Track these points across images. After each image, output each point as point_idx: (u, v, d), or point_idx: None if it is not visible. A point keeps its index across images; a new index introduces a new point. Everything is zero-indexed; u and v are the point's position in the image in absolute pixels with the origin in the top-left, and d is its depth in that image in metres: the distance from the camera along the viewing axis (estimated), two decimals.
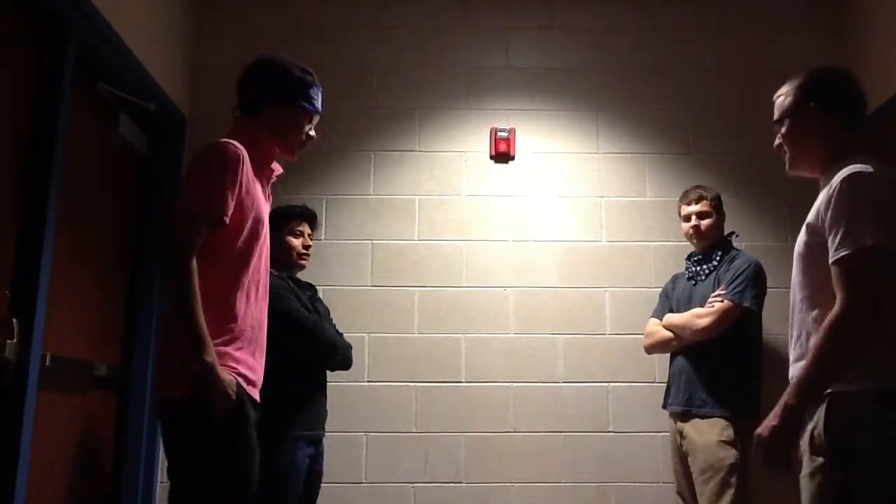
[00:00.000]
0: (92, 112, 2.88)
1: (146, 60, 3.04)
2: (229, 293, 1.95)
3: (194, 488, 1.86)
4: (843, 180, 1.77)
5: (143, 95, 3.10)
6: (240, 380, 1.90)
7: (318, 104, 2.19)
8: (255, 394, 1.99)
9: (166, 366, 1.92)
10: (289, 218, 2.86)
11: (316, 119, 2.21)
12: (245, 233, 1.98)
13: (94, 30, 2.65)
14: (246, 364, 1.95)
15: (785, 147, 2.02)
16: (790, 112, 1.99)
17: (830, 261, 1.75)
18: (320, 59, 3.65)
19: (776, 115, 2.04)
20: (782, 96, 2.03)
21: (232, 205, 1.92)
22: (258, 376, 2.02)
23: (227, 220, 1.92)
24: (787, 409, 1.73)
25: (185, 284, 1.83)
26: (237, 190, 1.94)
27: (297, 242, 2.85)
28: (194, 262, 1.85)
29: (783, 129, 2.01)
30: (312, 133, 2.21)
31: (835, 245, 1.74)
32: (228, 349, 1.91)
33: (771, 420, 1.76)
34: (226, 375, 1.85)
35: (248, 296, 1.99)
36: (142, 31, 3.03)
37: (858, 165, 1.81)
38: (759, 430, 1.78)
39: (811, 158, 1.97)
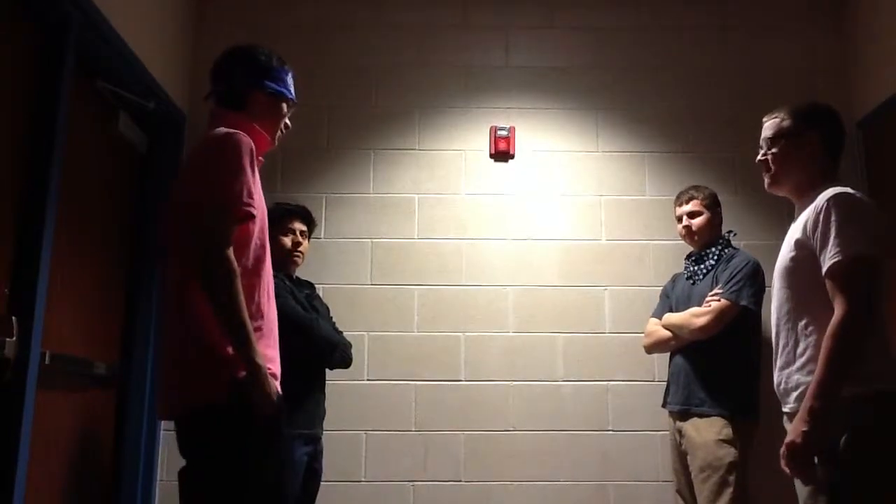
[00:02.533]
0: (91, 110, 2.88)
1: (146, 59, 3.04)
2: (254, 290, 1.91)
3: (238, 490, 1.80)
4: (829, 199, 1.91)
5: (142, 94, 3.10)
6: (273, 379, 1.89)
7: (294, 92, 2.18)
8: (279, 387, 1.96)
9: (197, 369, 1.84)
10: (279, 216, 2.87)
11: (292, 108, 2.19)
12: (258, 226, 1.95)
13: (93, 28, 2.65)
14: (275, 361, 1.96)
15: (771, 165, 2.12)
16: (789, 133, 2.08)
17: (825, 269, 1.86)
18: (320, 58, 3.66)
19: (770, 133, 2.12)
20: (778, 118, 2.12)
21: (256, 198, 1.91)
22: (279, 370, 2.01)
23: (256, 213, 1.89)
24: (814, 413, 1.79)
25: (231, 282, 1.78)
26: (255, 182, 1.93)
27: (286, 240, 2.86)
28: (235, 262, 1.81)
29: (775, 149, 2.10)
30: (288, 122, 2.19)
31: (828, 255, 1.86)
32: (260, 348, 1.86)
33: (799, 426, 1.81)
34: (271, 378, 1.83)
35: (268, 292, 1.98)
36: (141, 29, 3.03)
37: (839, 188, 1.96)
38: (789, 439, 1.82)
39: (796, 181, 2.09)
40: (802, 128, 2.07)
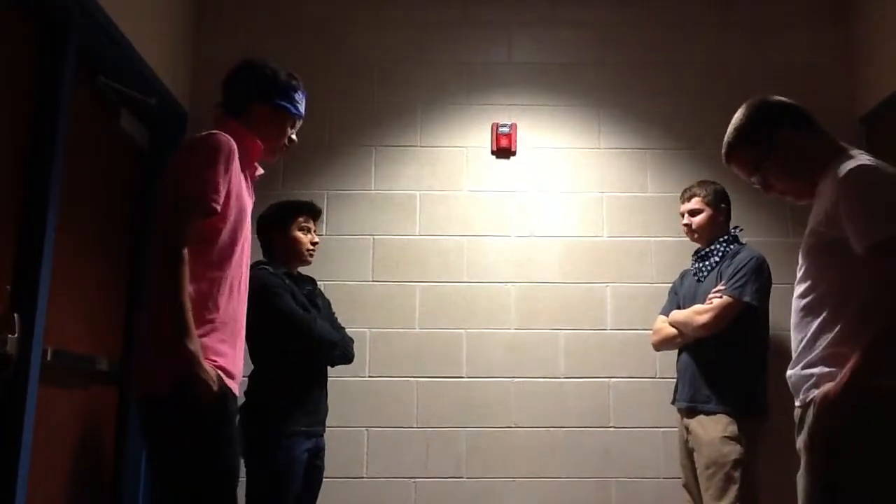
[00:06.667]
0: (93, 107, 2.88)
1: (147, 55, 3.03)
2: (212, 285, 1.93)
3: (180, 485, 1.86)
4: (846, 175, 1.75)
5: (144, 90, 3.10)
6: (220, 373, 1.89)
7: (302, 109, 2.20)
8: (235, 387, 1.98)
9: (147, 360, 1.90)
10: (298, 213, 2.86)
11: (298, 124, 2.21)
12: (229, 224, 1.97)
13: (94, 24, 2.64)
14: (226, 357, 1.94)
15: (781, 187, 1.96)
16: (764, 152, 1.92)
17: (865, 247, 1.70)
18: (322, 54, 3.66)
19: (749, 171, 1.97)
20: (738, 151, 1.97)
21: (223, 195, 1.92)
22: (238, 370, 2.01)
23: (219, 210, 1.92)
24: (841, 400, 1.70)
25: (175, 271, 1.82)
26: (227, 180, 1.94)
27: (305, 238, 2.85)
28: (185, 251, 1.84)
29: (769, 173, 1.94)
30: (294, 137, 2.21)
31: (864, 234, 1.70)
32: (209, 341, 1.89)
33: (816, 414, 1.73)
34: (208, 367, 1.84)
35: (230, 288, 1.98)
36: (143, 25, 3.03)
37: (851, 161, 1.79)
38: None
39: (811, 176, 1.89)
40: (767, 139, 1.92)
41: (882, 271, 1.71)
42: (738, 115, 2.01)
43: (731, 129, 2.00)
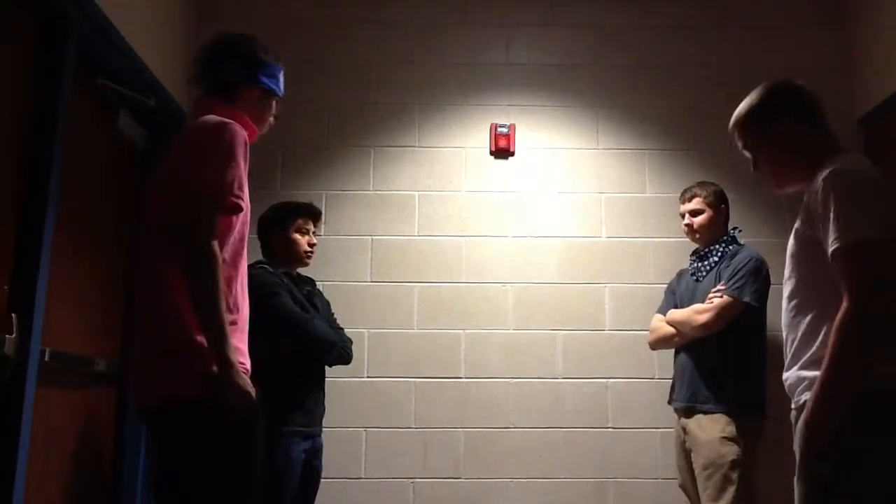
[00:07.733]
0: (92, 107, 2.87)
1: (146, 56, 3.03)
2: (232, 283, 1.87)
3: (212, 488, 1.77)
4: (826, 179, 1.76)
5: (142, 91, 3.10)
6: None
7: (283, 88, 2.16)
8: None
9: (171, 360, 1.79)
10: (297, 215, 2.86)
11: (280, 105, 2.16)
12: (240, 220, 1.91)
13: (93, 26, 2.64)
14: (245, 356, 1.92)
15: (767, 171, 2.00)
16: (762, 134, 1.96)
17: (830, 251, 1.72)
18: (321, 55, 3.66)
19: (745, 145, 2.02)
20: (742, 125, 2.01)
21: (245, 190, 1.88)
22: (250, 366, 1.97)
23: (244, 206, 1.87)
24: (815, 417, 1.72)
25: (213, 273, 1.74)
26: (246, 174, 1.89)
27: (303, 240, 2.86)
28: (218, 250, 1.77)
29: (761, 155, 1.99)
30: (272, 118, 2.15)
31: (830, 241, 1.72)
32: (234, 341, 1.82)
33: (800, 435, 1.75)
34: (242, 373, 1.79)
35: (242, 286, 1.94)
36: (141, 26, 3.03)
37: (838, 164, 1.80)
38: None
39: (798, 171, 1.93)
40: (770, 120, 1.95)
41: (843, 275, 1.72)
42: (754, 92, 2.04)
43: (744, 103, 2.04)
